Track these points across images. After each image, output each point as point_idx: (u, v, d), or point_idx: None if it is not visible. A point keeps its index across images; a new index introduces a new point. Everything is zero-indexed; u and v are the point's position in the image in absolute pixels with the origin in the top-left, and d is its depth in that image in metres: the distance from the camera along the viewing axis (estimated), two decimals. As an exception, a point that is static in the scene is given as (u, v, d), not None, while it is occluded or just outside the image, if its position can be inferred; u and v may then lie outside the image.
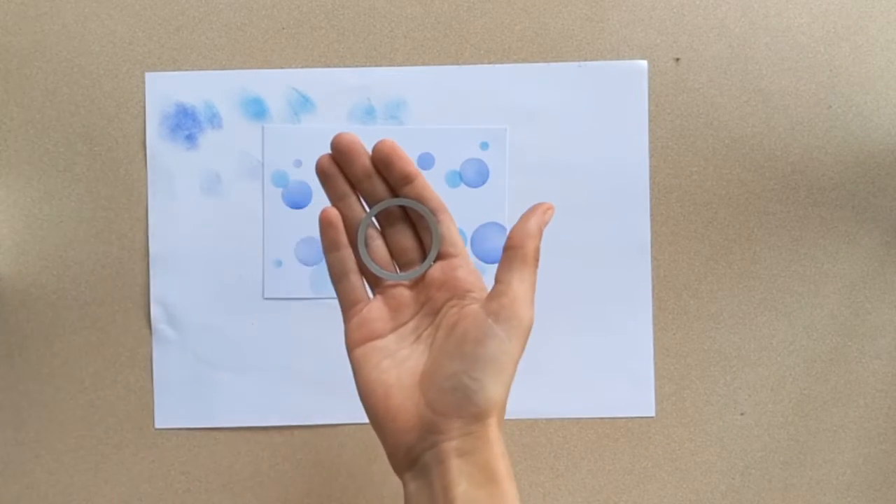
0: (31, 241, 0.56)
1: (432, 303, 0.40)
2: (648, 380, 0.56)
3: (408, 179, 0.39)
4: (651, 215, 0.56)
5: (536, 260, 0.38)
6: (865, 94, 0.56)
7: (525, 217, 0.39)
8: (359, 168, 0.39)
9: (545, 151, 0.56)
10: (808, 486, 0.56)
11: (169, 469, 0.56)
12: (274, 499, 0.56)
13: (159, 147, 0.56)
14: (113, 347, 0.56)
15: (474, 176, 0.56)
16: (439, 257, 0.40)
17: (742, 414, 0.56)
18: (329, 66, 0.56)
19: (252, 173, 0.56)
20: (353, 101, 0.56)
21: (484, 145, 0.56)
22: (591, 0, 0.56)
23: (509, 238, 0.38)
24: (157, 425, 0.56)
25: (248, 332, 0.56)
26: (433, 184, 0.58)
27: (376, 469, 0.56)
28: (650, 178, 0.56)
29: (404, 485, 0.37)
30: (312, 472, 0.56)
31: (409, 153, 0.56)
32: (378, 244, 0.40)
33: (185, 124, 0.56)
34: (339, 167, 0.40)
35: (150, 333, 0.56)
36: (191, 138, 0.56)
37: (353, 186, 0.40)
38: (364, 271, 0.40)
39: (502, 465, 0.36)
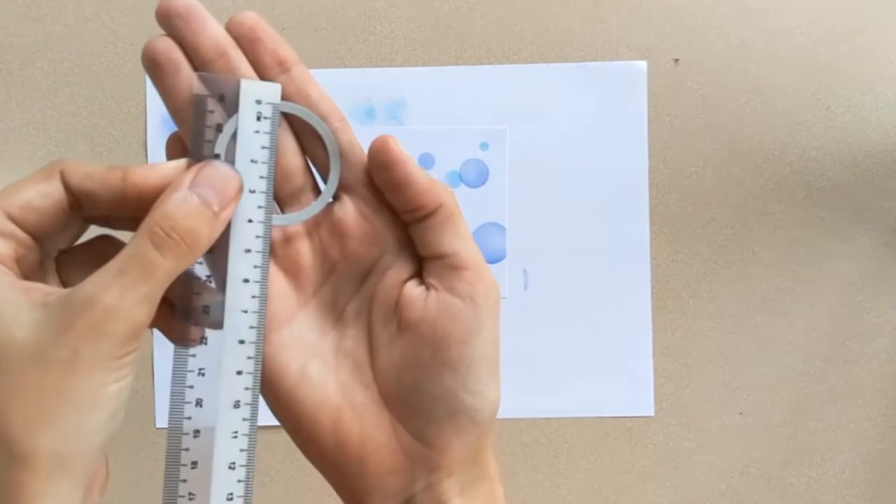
0: (32, 240, 0.56)
1: (354, 261, 0.27)
2: (647, 379, 0.56)
3: (283, 66, 0.27)
4: (650, 215, 0.56)
5: (459, 207, 0.27)
6: (864, 94, 0.56)
7: (406, 171, 0.26)
8: (207, 41, 0.26)
9: (545, 152, 0.56)
10: (807, 485, 0.56)
11: (169, 468, 0.56)
12: (274, 499, 0.56)
13: (161, 148, 0.56)
14: (114, 347, 0.56)
15: (474, 176, 0.56)
16: (348, 189, 0.27)
17: (741, 413, 0.56)
18: (329, 67, 0.56)
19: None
20: (353, 102, 0.56)
21: (484, 145, 0.56)
22: (590, 0, 0.56)
23: (419, 206, 0.27)
24: (158, 424, 0.56)
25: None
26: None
27: (376, 468, 0.56)
28: (649, 178, 0.56)
29: None
30: (313, 471, 0.56)
31: (409, 153, 0.56)
32: None
33: (186, 125, 0.56)
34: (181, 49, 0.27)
35: (151, 333, 0.56)
36: (191, 139, 0.56)
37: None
38: None
39: (499, 490, 0.28)
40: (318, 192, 0.28)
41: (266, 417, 0.57)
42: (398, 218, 0.27)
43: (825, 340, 0.56)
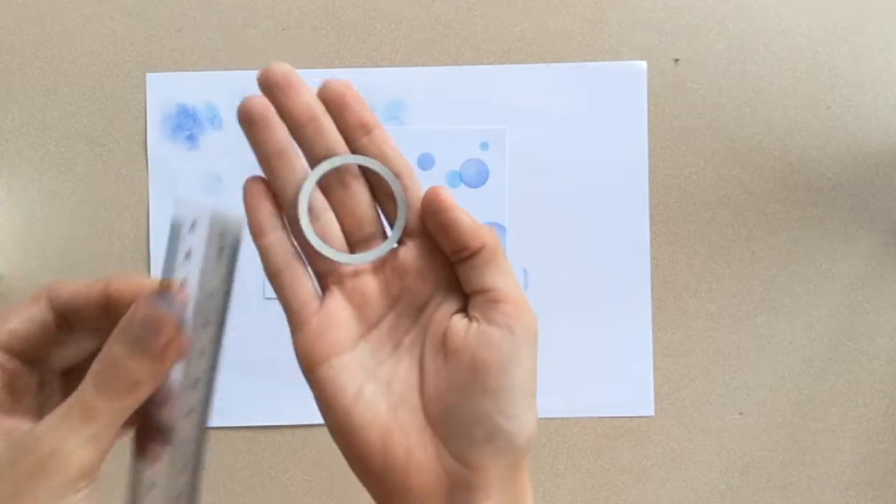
0: (32, 241, 0.56)
1: (412, 296, 0.30)
2: (648, 379, 0.56)
3: (366, 129, 0.30)
4: (650, 215, 0.56)
5: (501, 246, 0.30)
6: (864, 94, 0.56)
7: (453, 216, 0.29)
8: (300, 107, 0.29)
9: (545, 152, 0.56)
10: (807, 485, 0.56)
11: (169, 468, 0.56)
12: (274, 499, 0.56)
13: (160, 147, 0.56)
14: (113, 347, 0.56)
15: (474, 176, 0.56)
16: (411, 235, 0.31)
17: (741, 413, 0.56)
18: (329, 67, 0.56)
19: (253, 174, 0.56)
20: (353, 102, 0.56)
21: (484, 145, 0.56)
22: (590, 0, 0.56)
23: (464, 246, 0.29)
24: (158, 425, 0.56)
25: (248, 332, 0.56)
26: (433, 184, 0.58)
27: (376, 468, 0.56)
28: (649, 178, 0.56)
29: None
30: (312, 472, 0.56)
31: (409, 153, 0.56)
32: (328, 218, 0.30)
33: (187, 125, 0.56)
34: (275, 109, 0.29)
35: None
36: (192, 139, 0.56)
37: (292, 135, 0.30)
38: (310, 255, 0.30)
39: None
40: (384, 236, 0.31)
41: (266, 418, 0.57)
42: (449, 261, 0.30)
43: (825, 340, 0.56)
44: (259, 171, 0.32)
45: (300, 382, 0.56)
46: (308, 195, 0.30)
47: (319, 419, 0.56)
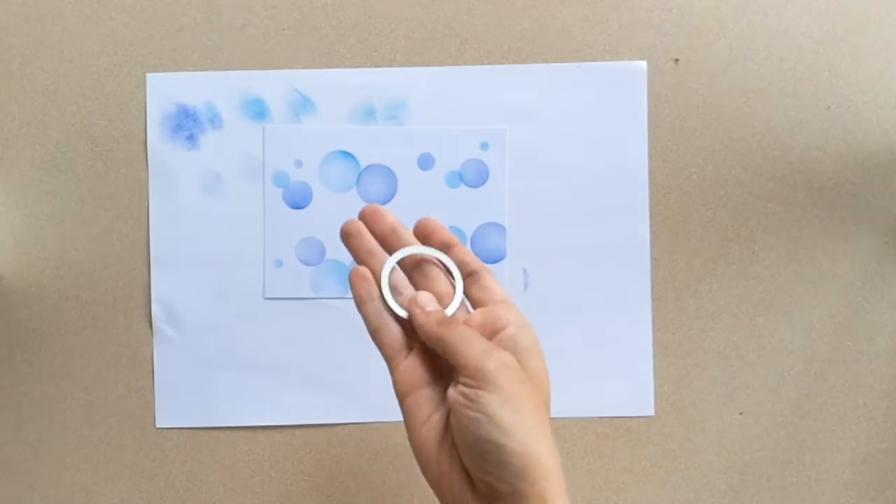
0: (32, 241, 0.56)
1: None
2: (647, 379, 0.56)
3: (447, 246, 0.42)
4: (650, 215, 0.56)
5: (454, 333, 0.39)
6: (864, 94, 0.56)
7: (426, 333, 0.39)
8: (386, 225, 0.42)
9: (545, 152, 0.56)
10: (807, 485, 0.56)
11: (170, 469, 0.56)
12: (274, 499, 0.56)
13: (160, 147, 0.56)
14: (113, 347, 0.56)
15: (474, 176, 0.56)
16: (481, 304, 0.41)
17: (741, 413, 0.56)
18: (330, 67, 0.56)
19: (253, 173, 0.56)
20: (353, 102, 0.56)
21: (484, 146, 0.56)
22: (590, 0, 0.56)
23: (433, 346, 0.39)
24: (158, 425, 0.56)
25: (248, 332, 0.56)
26: (433, 184, 0.59)
27: (376, 469, 0.56)
28: (649, 178, 0.56)
29: None
30: (312, 472, 0.56)
31: (409, 153, 0.56)
32: (409, 293, 0.41)
33: (186, 125, 0.56)
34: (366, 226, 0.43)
35: (151, 333, 0.56)
36: (192, 139, 0.56)
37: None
38: (396, 319, 0.40)
39: None
40: (465, 308, 0.42)
41: (266, 418, 0.57)
42: (516, 330, 0.40)
43: (825, 340, 0.56)
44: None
45: (300, 382, 0.56)
46: (388, 276, 0.41)
47: (319, 419, 0.56)
